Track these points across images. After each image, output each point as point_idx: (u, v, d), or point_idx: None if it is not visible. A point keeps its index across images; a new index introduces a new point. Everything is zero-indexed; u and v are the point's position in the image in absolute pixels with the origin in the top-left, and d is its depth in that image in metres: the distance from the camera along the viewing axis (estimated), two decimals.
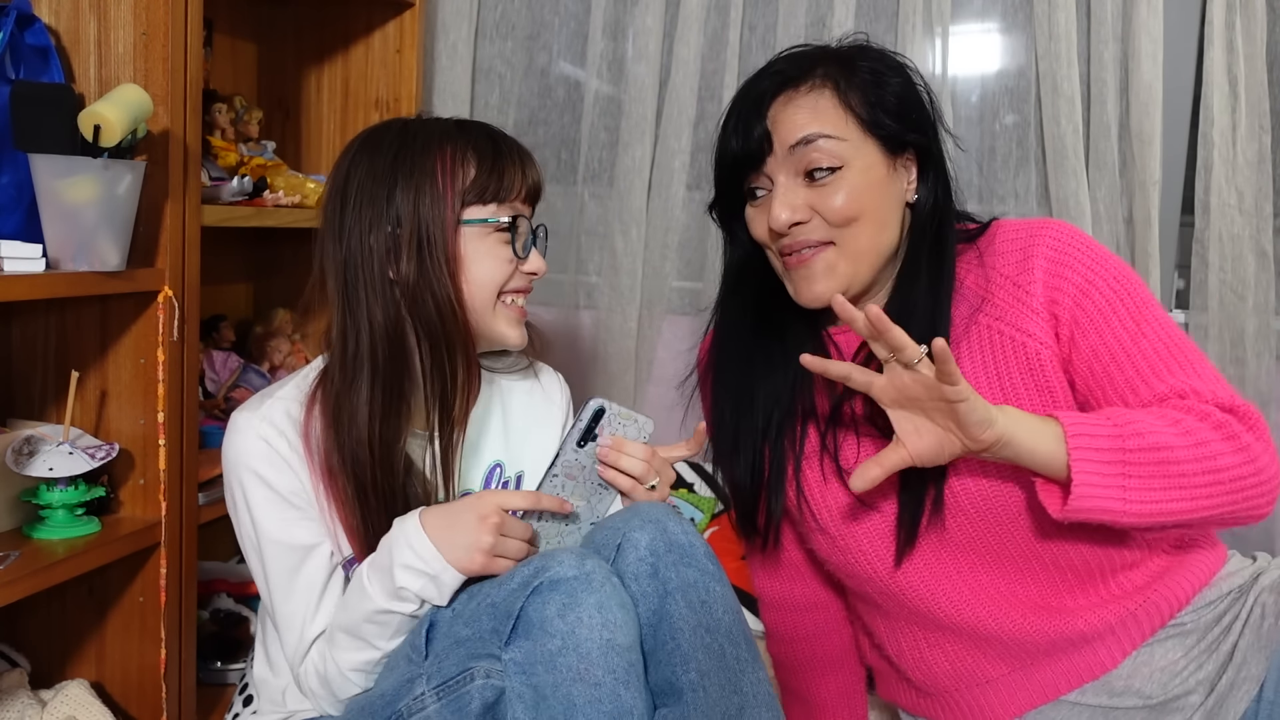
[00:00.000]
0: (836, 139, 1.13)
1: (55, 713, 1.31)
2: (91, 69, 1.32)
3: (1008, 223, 1.22)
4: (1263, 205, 1.77)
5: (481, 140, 1.15)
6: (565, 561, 1.01)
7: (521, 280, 1.17)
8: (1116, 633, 1.18)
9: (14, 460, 1.29)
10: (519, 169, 1.15)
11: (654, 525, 1.07)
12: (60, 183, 1.20)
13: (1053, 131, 1.82)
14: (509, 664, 0.99)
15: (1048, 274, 1.14)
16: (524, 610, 0.99)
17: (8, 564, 1.21)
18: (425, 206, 1.10)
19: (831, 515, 1.24)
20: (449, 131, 1.15)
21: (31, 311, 1.40)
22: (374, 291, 1.10)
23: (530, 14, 2.12)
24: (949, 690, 1.27)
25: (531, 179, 1.17)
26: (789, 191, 1.14)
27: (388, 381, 1.11)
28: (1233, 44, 1.74)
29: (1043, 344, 1.14)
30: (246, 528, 1.13)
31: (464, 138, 1.14)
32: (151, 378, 1.35)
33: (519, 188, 1.15)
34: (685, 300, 2.07)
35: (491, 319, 1.15)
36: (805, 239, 1.14)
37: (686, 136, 2.00)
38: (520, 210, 1.16)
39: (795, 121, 1.14)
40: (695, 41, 1.97)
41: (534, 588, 1.00)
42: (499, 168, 1.13)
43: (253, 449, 1.10)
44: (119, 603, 1.41)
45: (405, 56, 1.91)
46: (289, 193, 1.66)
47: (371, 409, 1.10)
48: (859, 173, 1.13)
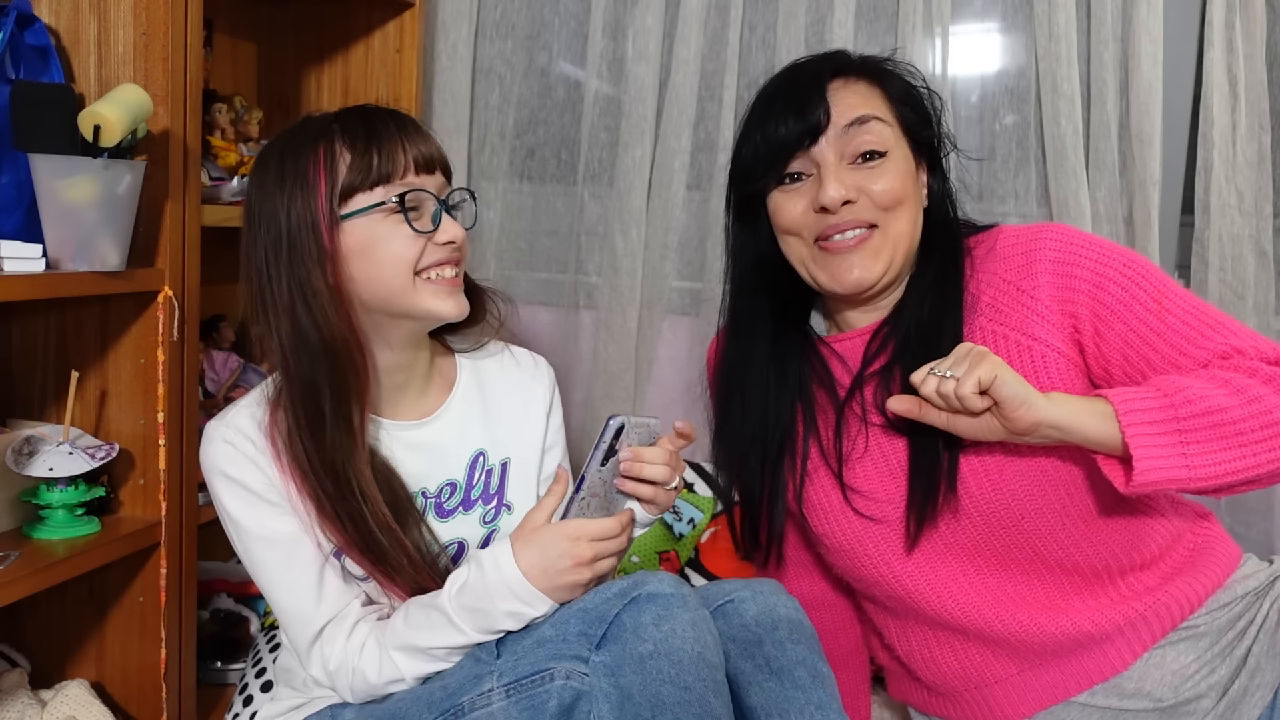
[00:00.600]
0: (886, 124, 1.17)
1: (55, 713, 1.31)
2: (91, 69, 1.32)
3: (1009, 228, 1.22)
4: (1262, 205, 1.77)
5: (354, 126, 1.11)
6: (664, 580, 1.05)
7: (438, 253, 1.12)
8: (1126, 634, 1.17)
9: (14, 460, 1.29)
10: (398, 145, 1.11)
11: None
12: (60, 183, 1.20)
13: (1053, 131, 1.82)
14: (597, 665, 1.00)
15: (1056, 277, 1.14)
16: (619, 616, 1.01)
17: (8, 564, 1.21)
18: (297, 211, 1.08)
19: (837, 524, 1.24)
20: (324, 127, 1.12)
21: (31, 311, 1.40)
22: (277, 311, 1.09)
23: (530, 14, 2.12)
24: (959, 690, 1.26)
25: (417, 150, 1.12)
26: (840, 171, 1.16)
27: (304, 398, 1.09)
28: (1232, 44, 1.74)
29: (1049, 347, 1.14)
30: (230, 529, 1.14)
31: (338, 128, 1.11)
32: (151, 378, 1.35)
33: (403, 163, 1.10)
34: (685, 300, 2.07)
35: (415, 297, 1.11)
36: (854, 219, 1.16)
37: (686, 136, 2.00)
38: (414, 184, 1.11)
39: (850, 102, 1.17)
40: (695, 41, 1.97)
41: (632, 598, 1.02)
42: (373, 149, 1.09)
43: (220, 452, 1.12)
44: (119, 603, 1.41)
45: (405, 56, 1.91)
46: None
47: (300, 431, 1.09)
48: (900, 161, 1.18)
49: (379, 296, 1.11)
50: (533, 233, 2.17)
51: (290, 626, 1.13)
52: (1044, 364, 1.14)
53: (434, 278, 1.12)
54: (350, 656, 1.10)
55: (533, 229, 2.17)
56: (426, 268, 1.12)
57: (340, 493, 1.10)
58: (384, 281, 1.10)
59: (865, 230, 1.16)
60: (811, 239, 1.19)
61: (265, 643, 1.51)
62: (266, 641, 1.51)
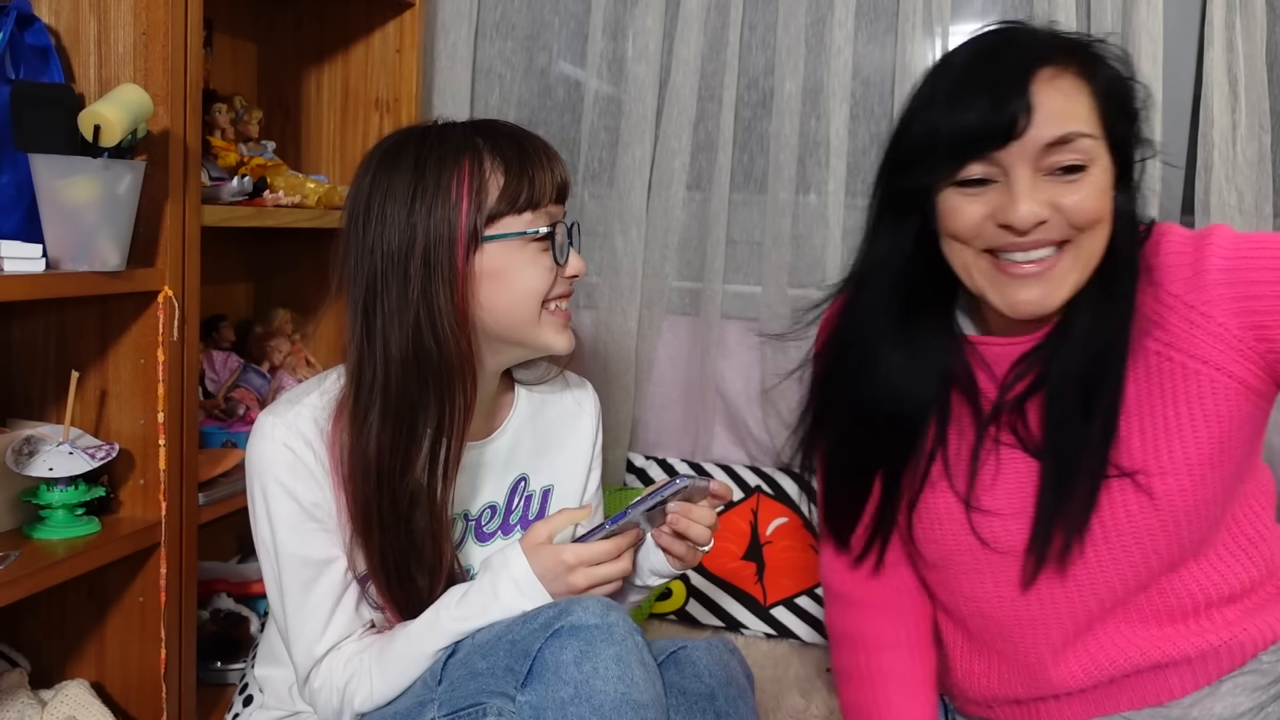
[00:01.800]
0: (1091, 137, 1.00)
1: (55, 713, 1.31)
2: (91, 69, 1.32)
3: (1173, 233, 1.09)
4: (1262, 205, 1.76)
5: (505, 145, 1.07)
6: (589, 608, 0.99)
7: (563, 286, 1.11)
8: (1194, 665, 1.12)
9: (14, 460, 1.29)
10: (547, 170, 1.08)
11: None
12: (60, 183, 1.20)
13: None
14: (523, 706, 0.97)
15: (1233, 294, 1.02)
16: (541, 653, 0.97)
17: (8, 564, 1.21)
18: (434, 224, 1.04)
19: (951, 542, 1.16)
20: (468, 140, 1.07)
21: (31, 311, 1.40)
22: (392, 323, 1.04)
23: (530, 14, 2.12)
24: (1006, 702, 1.22)
25: (559, 177, 1.10)
26: (1035, 186, 0.99)
27: (399, 416, 1.05)
28: (1233, 44, 1.74)
29: (1220, 370, 1.04)
30: (265, 535, 1.10)
31: (487, 145, 1.07)
32: (151, 378, 1.35)
33: (549, 190, 1.08)
34: (685, 300, 2.07)
35: (538, 330, 1.10)
36: (1044, 238, 1.01)
37: (686, 136, 2.00)
38: (554, 214, 1.10)
39: (1056, 109, 0.98)
40: (695, 41, 1.97)
41: (554, 631, 0.98)
42: (528, 173, 1.06)
43: (279, 457, 1.06)
44: (119, 603, 1.41)
45: (405, 56, 1.91)
46: (289, 193, 1.66)
47: (380, 445, 1.05)
48: (1102, 172, 1.02)
49: (503, 324, 1.08)
50: None
51: (291, 645, 1.11)
52: (1212, 390, 1.04)
53: (554, 309, 1.11)
54: (336, 679, 1.10)
55: None
56: (551, 299, 1.10)
57: (396, 524, 1.06)
58: (513, 310, 1.08)
59: (1053, 251, 1.01)
60: (983, 248, 1.04)
61: None
62: None
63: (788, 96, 1.93)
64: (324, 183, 1.73)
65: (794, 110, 1.93)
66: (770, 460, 2.07)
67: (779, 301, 1.97)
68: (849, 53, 1.91)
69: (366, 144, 1.94)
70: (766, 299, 1.99)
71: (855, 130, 1.95)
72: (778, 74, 1.94)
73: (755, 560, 1.90)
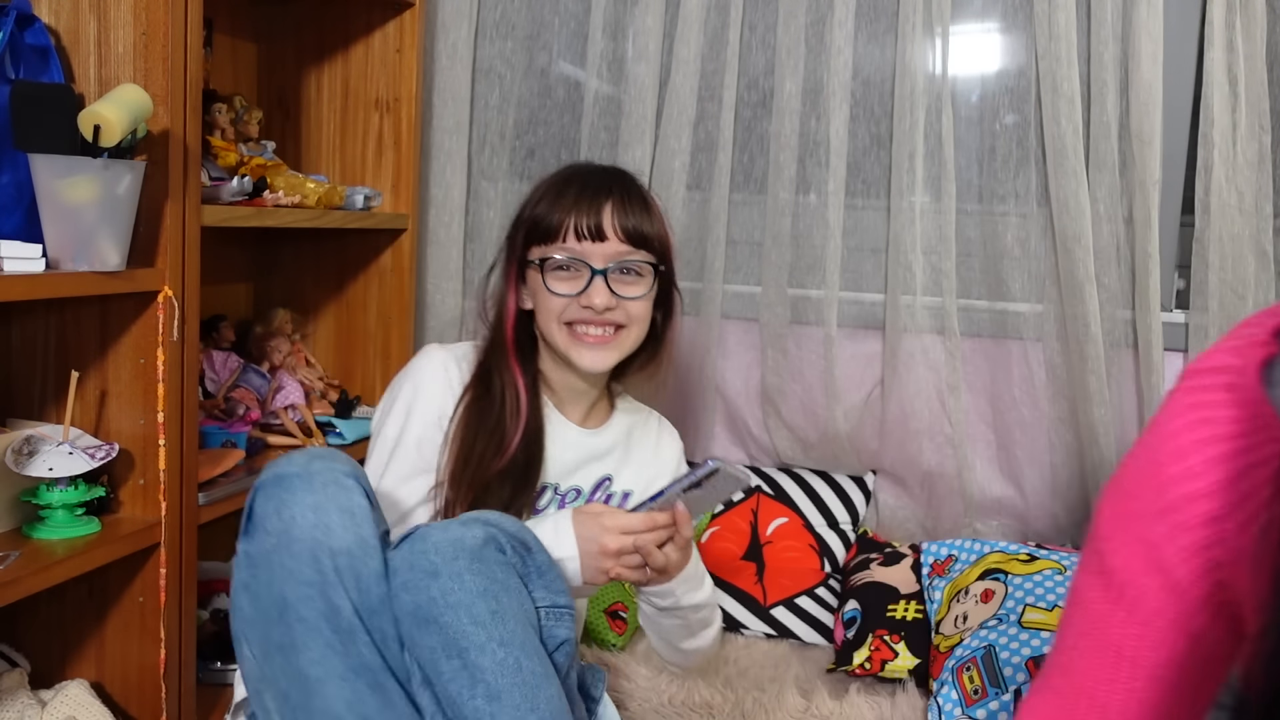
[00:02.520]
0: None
1: (55, 713, 1.31)
2: (91, 69, 1.32)
3: None
4: (1263, 205, 1.76)
5: (564, 183, 1.32)
6: (294, 459, 1.06)
7: (584, 313, 1.29)
8: None
9: (14, 460, 1.29)
10: (573, 212, 1.28)
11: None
12: (60, 183, 1.20)
13: (1053, 131, 1.82)
14: (241, 556, 1.05)
15: None
16: (252, 506, 1.05)
17: (8, 564, 1.21)
18: (511, 241, 1.36)
19: None
20: (564, 174, 1.35)
21: (31, 311, 1.40)
22: (492, 301, 1.38)
23: (530, 14, 2.12)
24: None
25: (587, 222, 1.28)
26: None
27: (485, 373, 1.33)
28: (1233, 43, 1.74)
29: None
30: (391, 430, 1.29)
31: (558, 181, 1.33)
32: (151, 378, 1.35)
33: (566, 228, 1.28)
34: (685, 300, 2.06)
35: (564, 345, 1.31)
36: None
37: (686, 136, 2.00)
38: (573, 250, 1.29)
39: None
40: (695, 41, 1.97)
41: (260, 483, 1.05)
42: (557, 208, 1.29)
43: (432, 371, 1.32)
44: (119, 603, 1.41)
45: (405, 56, 1.91)
46: (289, 192, 1.66)
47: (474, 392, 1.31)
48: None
49: (542, 332, 1.34)
50: None
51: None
52: None
53: (580, 332, 1.30)
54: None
55: None
56: (575, 322, 1.30)
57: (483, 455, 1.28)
58: (542, 323, 1.33)
59: None
60: None
61: None
62: None
63: (788, 96, 1.93)
64: (324, 183, 1.73)
65: (794, 110, 1.93)
66: (770, 460, 2.07)
67: (779, 301, 1.97)
68: (849, 53, 1.91)
69: (366, 144, 1.94)
70: (766, 299, 1.99)
71: (855, 130, 1.95)
72: (778, 74, 1.94)
73: (755, 560, 1.90)
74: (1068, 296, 1.84)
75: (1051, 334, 1.89)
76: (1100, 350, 1.81)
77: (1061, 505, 1.92)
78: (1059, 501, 1.92)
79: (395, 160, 1.94)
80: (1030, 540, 1.91)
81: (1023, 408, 1.92)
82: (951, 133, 1.88)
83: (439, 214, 2.12)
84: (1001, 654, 1.45)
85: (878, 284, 1.99)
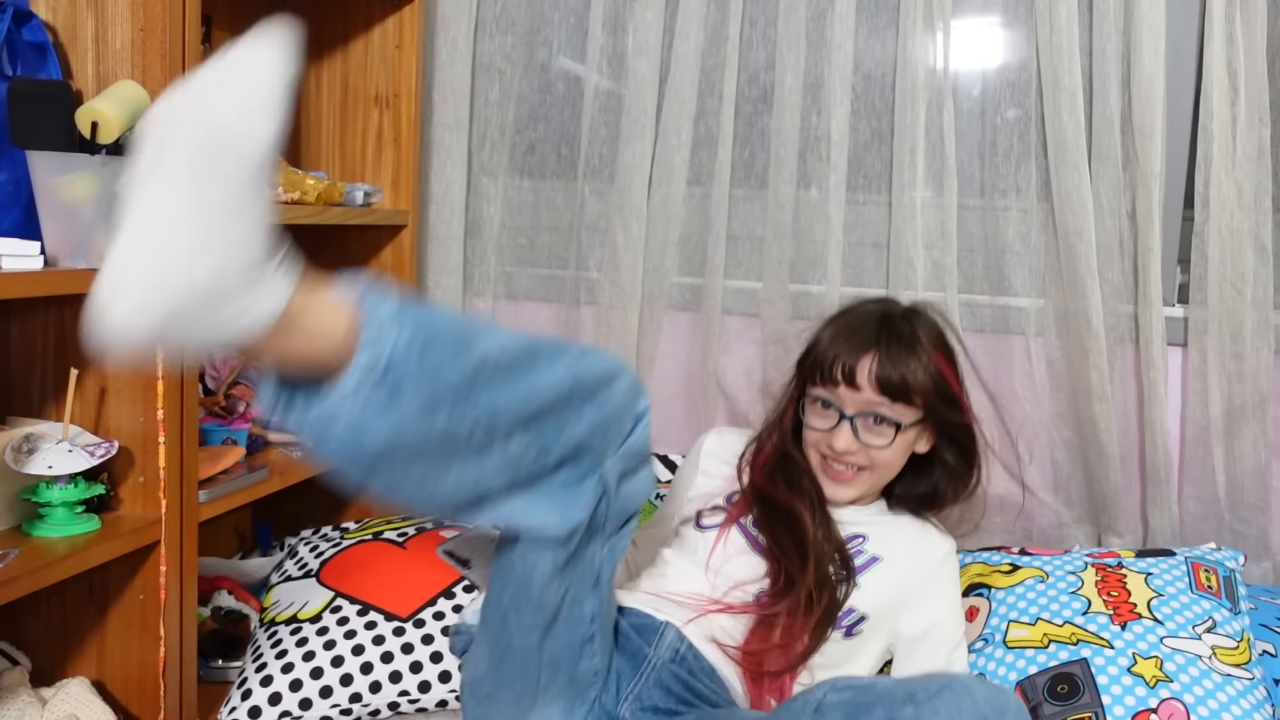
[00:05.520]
0: None
1: (56, 711, 1.31)
2: (89, 65, 1.32)
3: None
4: (1262, 199, 1.76)
5: (840, 329, 1.44)
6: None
7: (829, 449, 1.43)
8: None
9: (13, 458, 1.28)
10: (839, 362, 1.40)
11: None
12: (58, 180, 1.20)
13: (1054, 125, 1.82)
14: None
15: None
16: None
17: (7, 562, 1.21)
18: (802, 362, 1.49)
19: None
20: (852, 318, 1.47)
21: (30, 309, 1.39)
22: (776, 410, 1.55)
23: (530, 9, 2.11)
24: None
25: (844, 367, 1.40)
26: None
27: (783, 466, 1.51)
28: (1232, 37, 1.74)
29: None
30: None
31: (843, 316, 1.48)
32: (151, 375, 1.35)
33: (830, 374, 1.41)
34: (686, 296, 2.07)
35: (815, 468, 1.47)
36: None
37: (687, 132, 1.99)
38: (830, 392, 1.42)
39: None
40: (695, 36, 1.97)
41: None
42: (832, 346, 1.42)
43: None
44: (119, 601, 1.40)
45: (405, 52, 1.90)
46: (288, 189, 1.65)
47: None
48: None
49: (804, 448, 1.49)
50: (533, 228, 2.17)
51: None
52: None
53: (827, 464, 1.46)
54: None
55: (533, 225, 2.17)
56: (826, 456, 1.45)
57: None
58: (805, 444, 1.48)
59: None
60: None
61: (266, 639, 1.51)
62: (267, 638, 1.51)
63: (788, 91, 1.93)
64: (323, 179, 1.73)
65: (794, 105, 1.93)
66: None
67: (780, 297, 1.97)
68: (850, 47, 1.90)
69: (366, 140, 1.94)
70: (767, 294, 1.98)
71: (856, 125, 1.95)
72: (778, 69, 1.93)
73: None
74: (1069, 291, 1.84)
75: (1053, 329, 1.89)
76: (1102, 345, 1.81)
77: (1063, 500, 1.91)
78: (1061, 497, 1.92)
79: (395, 156, 1.94)
80: (1031, 537, 1.91)
81: (1024, 402, 1.92)
82: (953, 127, 1.88)
83: (439, 210, 2.11)
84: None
85: (879, 279, 1.99)
